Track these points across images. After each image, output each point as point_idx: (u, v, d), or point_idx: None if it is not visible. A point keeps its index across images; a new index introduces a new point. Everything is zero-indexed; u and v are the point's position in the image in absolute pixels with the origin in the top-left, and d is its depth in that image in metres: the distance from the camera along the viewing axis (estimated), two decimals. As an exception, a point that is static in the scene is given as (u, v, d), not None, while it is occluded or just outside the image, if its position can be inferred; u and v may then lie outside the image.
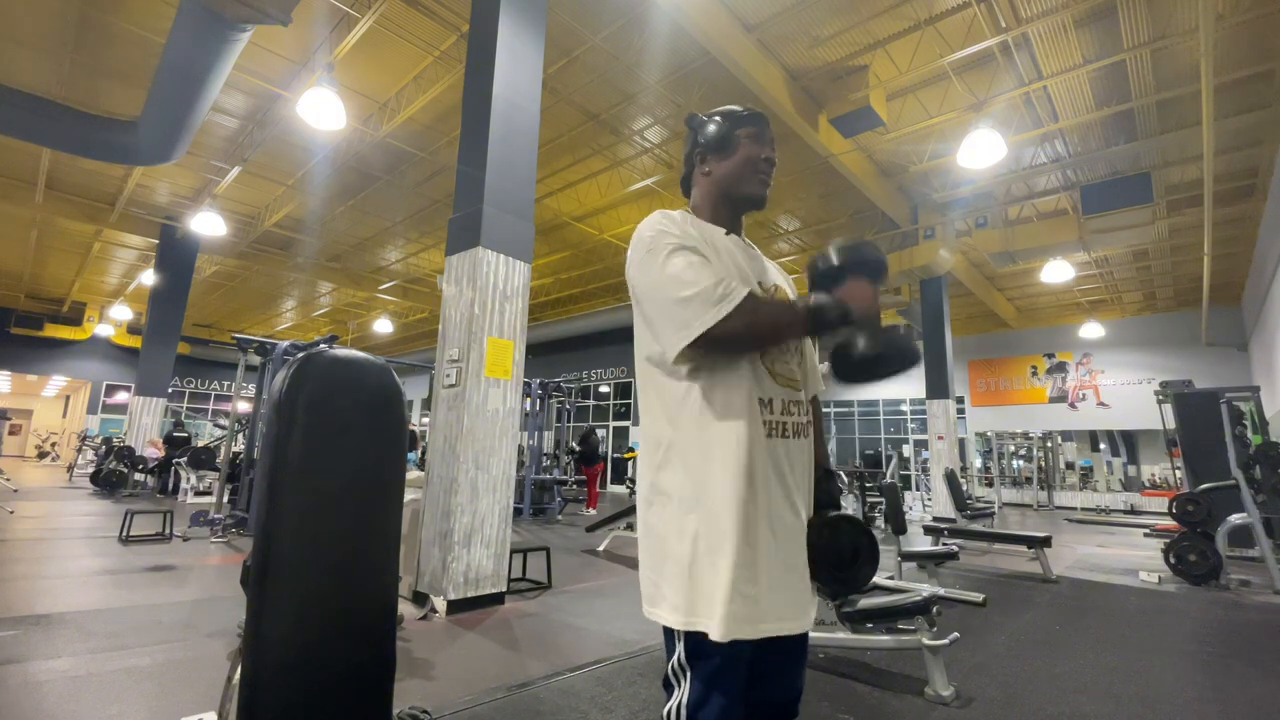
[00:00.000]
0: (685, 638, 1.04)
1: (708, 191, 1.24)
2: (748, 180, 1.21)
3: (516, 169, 4.42)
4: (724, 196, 1.23)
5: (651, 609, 1.08)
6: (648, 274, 1.10)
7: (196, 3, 4.96)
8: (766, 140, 1.22)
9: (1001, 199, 9.91)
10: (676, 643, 1.06)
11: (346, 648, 1.52)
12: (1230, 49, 6.15)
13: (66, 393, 25.51)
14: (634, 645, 3.21)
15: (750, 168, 1.21)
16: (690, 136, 1.28)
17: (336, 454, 1.55)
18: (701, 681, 1.03)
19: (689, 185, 1.30)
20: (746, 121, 1.23)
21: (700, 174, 1.25)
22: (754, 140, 1.21)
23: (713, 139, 1.22)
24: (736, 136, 1.21)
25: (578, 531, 7.73)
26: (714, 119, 1.24)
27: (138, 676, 2.53)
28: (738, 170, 1.21)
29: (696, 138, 1.26)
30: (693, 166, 1.27)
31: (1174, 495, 6.06)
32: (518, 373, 4.32)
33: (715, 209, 1.24)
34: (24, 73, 7.35)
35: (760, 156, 1.21)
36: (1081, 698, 2.65)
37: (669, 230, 1.12)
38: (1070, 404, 15.26)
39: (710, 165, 1.23)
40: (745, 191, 1.22)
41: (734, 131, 1.22)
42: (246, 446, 7.53)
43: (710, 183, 1.24)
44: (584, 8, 6.07)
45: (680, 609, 1.03)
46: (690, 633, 1.03)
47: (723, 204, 1.24)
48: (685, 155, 1.30)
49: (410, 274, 15.21)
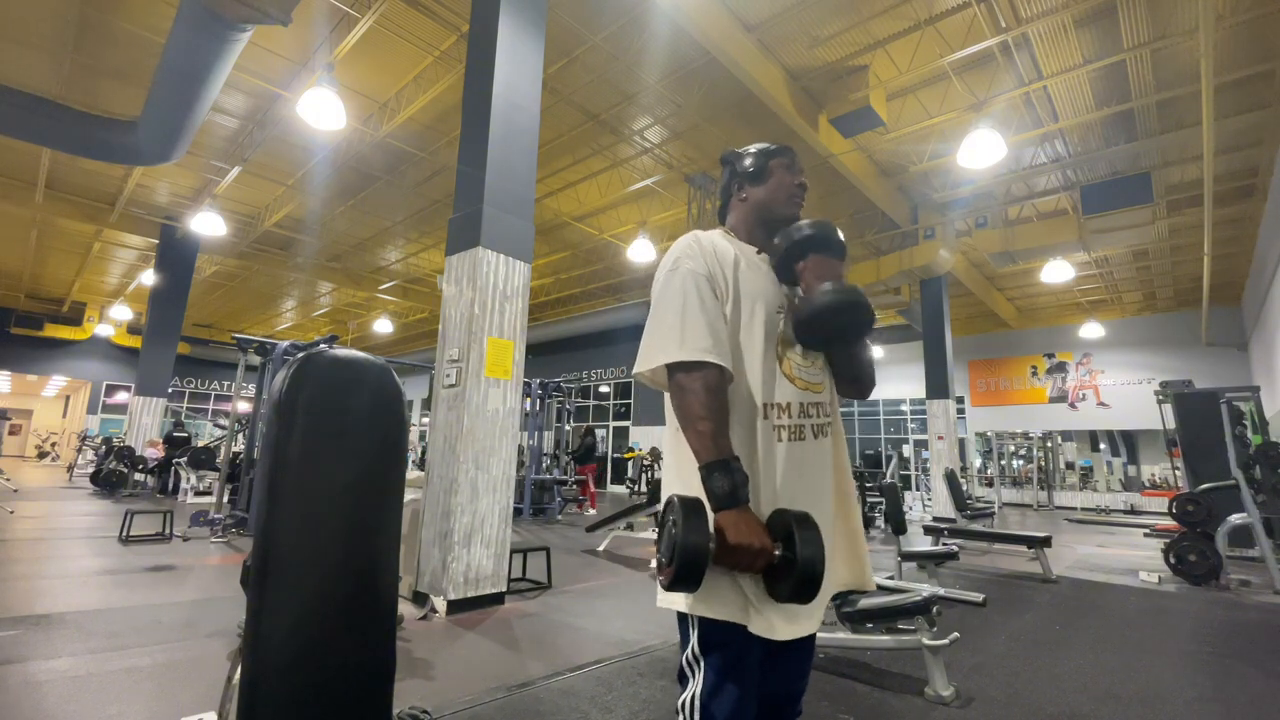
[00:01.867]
0: (699, 630, 1.08)
1: (745, 215, 1.33)
2: (782, 203, 1.30)
3: (516, 169, 4.42)
4: (760, 219, 1.31)
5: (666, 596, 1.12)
6: (658, 292, 1.19)
7: (196, 3, 4.96)
8: (797, 169, 1.33)
9: (1001, 199, 9.91)
10: (691, 634, 1.09)
11: (346, 648, 1.51)
12: (1230, 49, 6.15)
13: (66, 393, 25.51)
14: (634, 645, 3.21)
15: (784, 191, 1.31)
16: (727, 170, 1.38)
17: (336, 454, 1.55)
18: (715, 673, 1.06)
19: (725, 215, 1.39)
20: (778, 153, 1.34)
21: (737, 200, 1.35)
22: (786, 169, 1.32)
23: (748, 169, 1.33)
24: (770, 166, 1.32)
25: (578, 531, 7.73)
26: (748, 152, 1.35)
27: (138, 676, 2.53)
28: (772, 195, 1.31)
29: (734, 169, 1.36)
30: (729, 196, 1.37)
31: (1174, 495, 6.07)
32: (518, 373, 4.32)
33: (751, 231, 1.32)
34: (24, 73, 7.35)
35: (793, 182, 1.31)
36: (1081, 698, 2.65)
37: (694, 256, 1.18)
38: (1070, 404, 15.27)
39: (747, 192, 1.33)
40: (781, 213, 1.30)
41: (767, 162, 1.32)
42: (246, 446, 7.53)
43: (747, 208, 1.33)
44: (584, 8, 6.07)
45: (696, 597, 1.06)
46: (706, 623, 1.06)
47: (758, 227, 1.32)
48: (722, 188, 1.39)
49: (410, 274, 15.21)
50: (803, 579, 0.95)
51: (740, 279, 1.19)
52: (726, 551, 0.98)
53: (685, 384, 1.07)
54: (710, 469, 1.01)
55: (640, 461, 14.89)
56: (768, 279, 1.24)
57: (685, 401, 1.07)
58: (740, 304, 1.17)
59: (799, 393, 1.16)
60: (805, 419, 1.16)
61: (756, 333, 1.15)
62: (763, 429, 1.11)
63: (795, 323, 1.18)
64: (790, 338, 1.19)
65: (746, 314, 1.16)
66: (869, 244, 11.26)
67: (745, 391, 1.13)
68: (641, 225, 10.80)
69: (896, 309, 12.69)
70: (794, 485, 1.12)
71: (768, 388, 1.14)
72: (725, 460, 1.02)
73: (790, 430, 1.14)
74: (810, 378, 1.20)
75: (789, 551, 0.98)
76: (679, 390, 1.08)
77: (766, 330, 1.16)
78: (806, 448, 1.15)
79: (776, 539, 1.00)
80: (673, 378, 1.10)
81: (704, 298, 1.13)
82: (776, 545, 0.99)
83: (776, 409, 1.13)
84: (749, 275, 1.20)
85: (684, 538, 0.94)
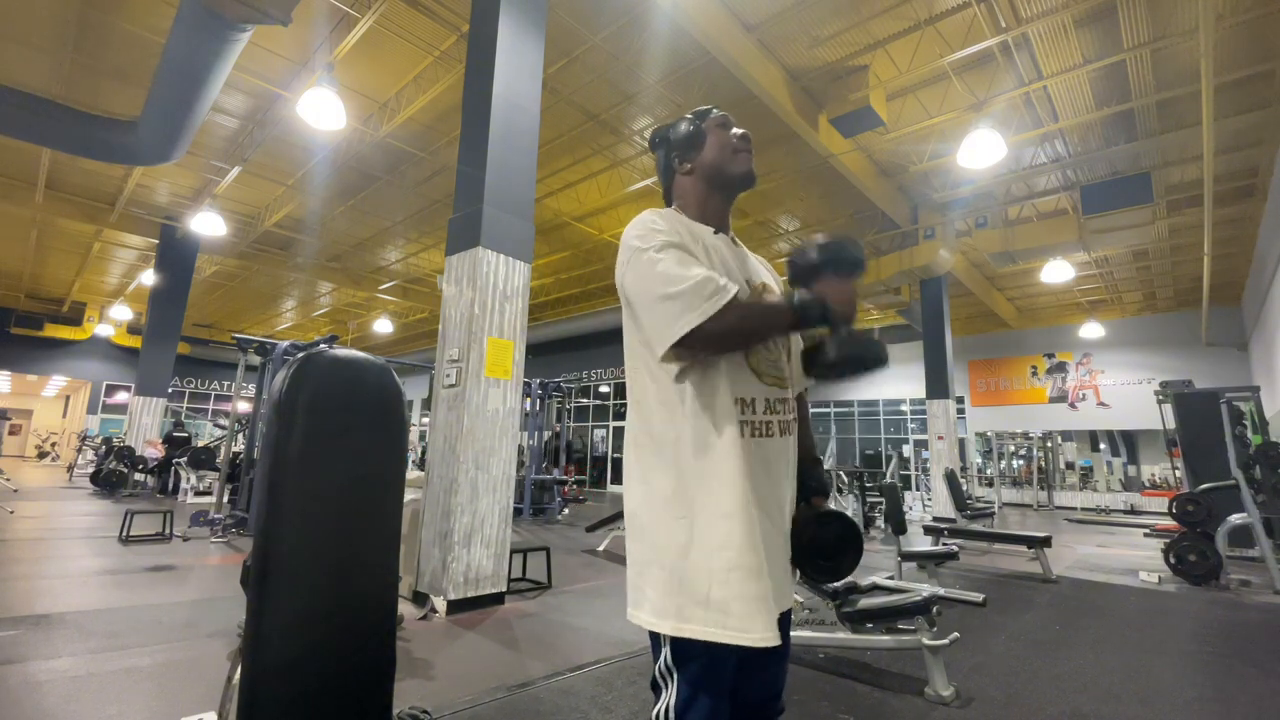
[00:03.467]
0: (670, 641, 1.04)
1: (692, 188, 1.25)
2: (729, 161, 1.22)
3: (516, 169, 4.42)
4: (710, 185, 1.24)
5: (635, 612, 1.08)
6: (636, 271, 1.09)
7: (196, 3, 4.95)
8: (733, 122, 1.26)
9: (1001, 199, 9.91)
10: (662, 645, 1.06)
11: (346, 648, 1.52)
12: (1230, 49, 6.15)
13: (66, 393, 25.51)
14: (634, 645, 3.21)
15: (728, 149, 1.22)
16: (661, 149, 1.30)
17: (336, 454, 1.55)
18: (688, 683, 1.03)
19: (670, 197, 1.30)
20: (708, 114, 1.26)
21: (681, 175, 1.26)
22: (722, 126, 1.24)
23: (683, 139, 1.25)
24: (704, 128, 1.24)
25: (578, 531, 7.73)
26: (679, 122, 1.28)
27: (138, 676, 2.53)
28: (717, 155, 1.22)
29: (669, 145, 1.28)
30: (671, 174, 1.28)
31: (1174, 495, 6.06)
32: (518, 373, 4.31)
33: (703, 204, 1.24)
34: (24, 73, 7.35)
35: (734, 136, 1.23)
36: (1081, 698, 2.65)
37: (658, 227, 1.12)
38: (1070, 404, 15.26)
39: (690, 162, 1.24)
40: (731, 172, 1.23)
41: (700, 125, 1.25)
42: (246, 446, 7.53)
43: (694, 179, 1.24)
44: (584, 8, 6.07)
45: (664, 613, 1.03)
46: (675, 636, 1.03)
47: (711, 196, 1.24)
48: (661, 169, 1.31)
49: (410, 274, 15.21)
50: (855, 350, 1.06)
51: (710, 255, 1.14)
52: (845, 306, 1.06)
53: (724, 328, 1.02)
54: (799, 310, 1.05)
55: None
56: (733, 259, 1.19)
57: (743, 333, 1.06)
58: None
59: (765, 389, 1.13)
60: (772, 415, 1.13)
61: None
62: (731, 424, 1.07)
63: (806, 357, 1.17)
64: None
65: None
66: (869, 244, 11.24)
67: (714, 384, 1.08)
68: (641, 225, 10.77)
69: (896, 309, 12.68)
70: (762, 483, 1.09)
71: (735, 382, 1.09)
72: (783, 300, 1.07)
73: (756, 426, 1.10)
74: (777, 373, 1.16)
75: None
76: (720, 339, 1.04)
77: None
78: (774, 445, 1.12)
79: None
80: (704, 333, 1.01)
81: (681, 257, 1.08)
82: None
83: (743, 404, 1.09)
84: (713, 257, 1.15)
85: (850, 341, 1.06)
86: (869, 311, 15.41)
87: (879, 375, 17.49)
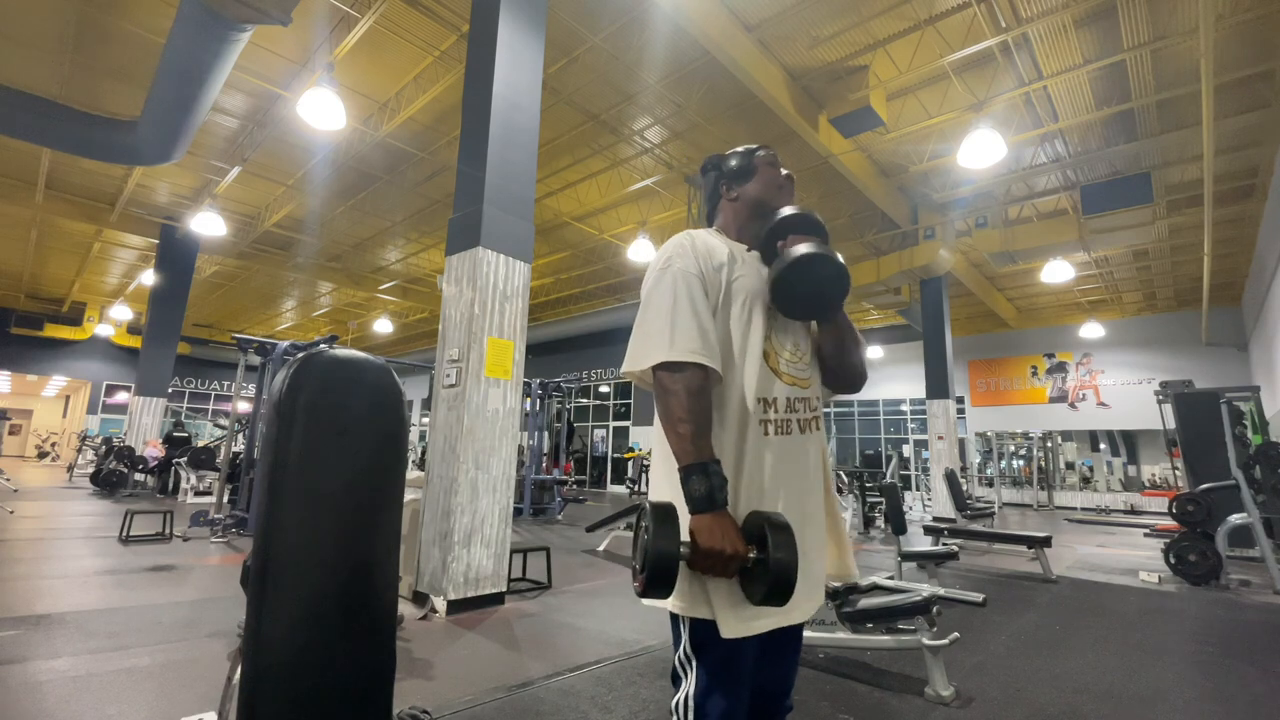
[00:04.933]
0: (690, 629, 1.07)
1: (736, 213, 1.35)
2: (774, 195, 1.33)
3: (516, 169, 4.42)
4: (752, 214, 1.33)
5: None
6: (648, 290, 1.19)
7: (196, 3, 4.95)
8: (779, 163, 1.38)
9: (1001, 199, 9.91)
10: (682, 633, 1.09)
11: (346, 648, 1.51)
12: (1230, 49, 6.15)
13: (66, 393, 25.51)
14: (634, 645, 3.21)
15: (774, 184, 1.34)
16: (711, 175, 1.40)
17: (336, 454, 1.55)
18: (707, 672, 1.05)
19: (713, 218, 1.41)
20: (761, 150, 1.38)
21: (727, 201, 1.36)
22: (770, 164, 1.36)
23: (734, 169, 1.35)
24: (754, 163, 1.35)
25: (578, 531, 7.73)
26: (734, 153, 1.38)
27: (138, 676, 2.53)
28: (763, 188, 1.33)
29: (719, 173, 1.38)
30: (717, 199, 1.39)
31: (1174, 495, 6.06)
32: (518, 373, 4.32)
33: (742, 228, 1.33)
34: (24, 73, 7.35)
35: (779, 175, 1.35)
36: (1081, 698, 2.65)
37: (685, 255, 1.18)
38: (1070, 404, 15.26)
39: (737, 191, 1.35)
40: (773, 205, 1.32)
41: (752, 159, 1.36)
42: (246, 446, 7.53)
43: (738, 205, 1.34)
44: (584, 8, 6.07)
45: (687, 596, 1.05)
46: (696, 623, 1.06)
47: (751, 222, 1.33)
48: (708, 194, 1.41)
49: (410, 274, 15.21)
50: (775, 582, 0.94)
51: (733, 275, 1.20)
52: (700, 556, 0.97)
53: (669, 385, 1.07)
54: (689, 471, 1.01)
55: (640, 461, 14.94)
56: (759, 276, 1.24)
57: (668, 403, 1.07)
58: (732, 299, 1.18)
59: (787, 388, 1.18)
60: (792, 414, 1.18)
61: (747, 328, 1.17)
62: (752, 424, 1.12)
63: (770, 284, 1.18)
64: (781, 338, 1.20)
65: (738, 309, 1.17)
66: (869, 244, 11.25)
67: (736, 386, 1.14)
68: (641, 225, 10.80)
69: (896, 309, 12.68)
70: (784, 478, 1.13)
71: (758, 383, 1.14)
72: (704, 463, 1.01)
73: (778, 425, 1.15)
74: (798, 374, 1.22)
75: (762, 554, 0.97)
76: (662, 391, 1.08)
77: (757, 326, 1.18)
78: (794, 441, 1.17)
79: (751, 542, 0.99)
80: (657, 378, 1.09)
81: (694, 297, 1.13)
82: (750, 549, 0.98)
83: (764, 404, 1.14)
84: (741, 272, 1.22)
85: (654, 545, 0.94)
86: (869, 312, 15.43)
87: (880, 372, 17.51)
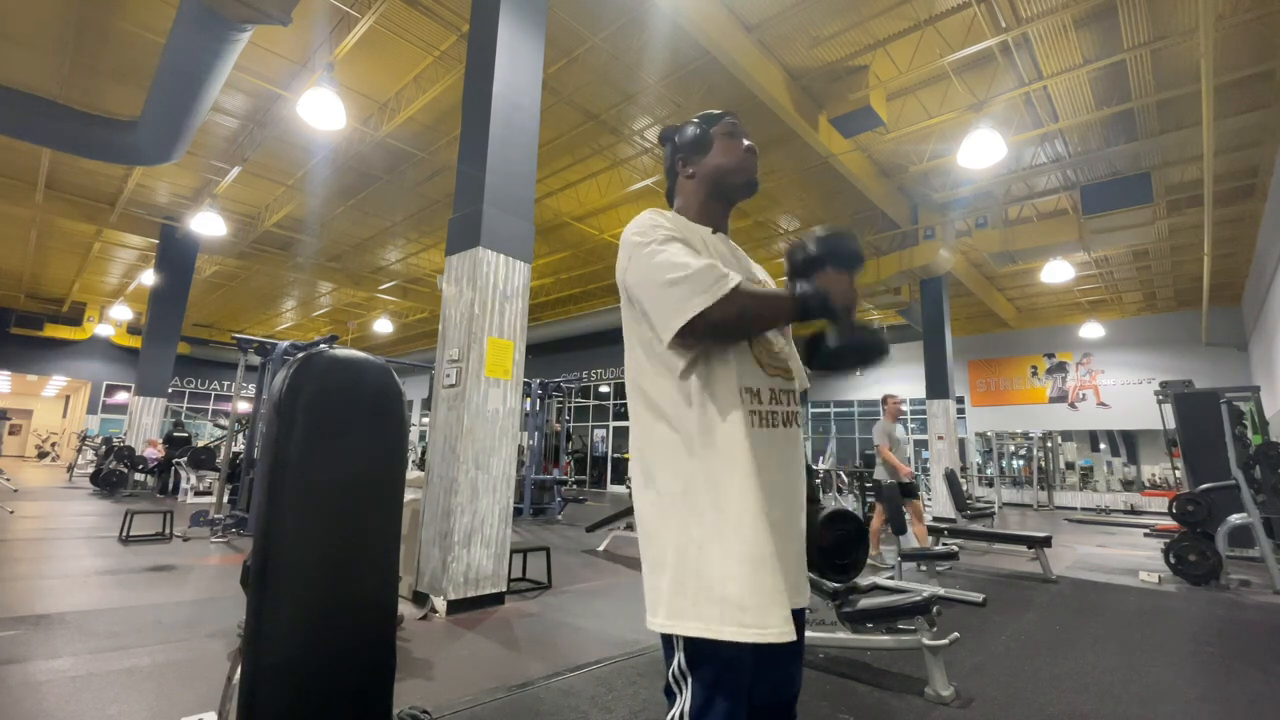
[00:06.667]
0: (684, 644, 1.02)
1: (694, 191, 1.26)
2: (733, 170, 1.24)
3: (516, 169, 4.42)
4: (711, 191, 1.25)
5: (652, 618, 1.05)
6: (639, 263, 1.10)
7: (196, 3, 4.95)
8: (741, 133, 1.26)
9: (1001, 199, 9.91)
10: (676, 649, 1.03)
11: (346, 648, 1.52)
12: (1230, 49, 6.15)
13: (66, 393, 25.51)
14: (634, 645, 3.21)
15: (733, 157, 1.23)
16: (668, 149, 1.31)
17: (336, 454, 1.55)
18: (703, 687, 1.00)
19: (673, 197, 1.31)
20: (719, 119, 1.26)
21: (684, 178, 1.27)
22: (729, 134, 1.25)
23: (690, 142, 1.26)
24: (712, 134, 1.25)
25: (578, 531, 7.73)
26: (687, 124, 1.27)
27: (138, 676, 2.53)
28: (721, 162, 1.23)
29: (675, 146, 1.29)
30: (675, 176, 1.29)
31: (1174, 495, 6.06)
32: (518, 373, 4.31)
33: (702, 207, 1.25)
34: (24, 73, 7.35)
35: (740, 147, 1.24)
36: (1081, 698, 2.65)
37: (659, 224, 1.13)
38: (1070, 404, 15.26)
39: (693, 166, 1.25)
40: (733, 181, 1.24)
41: (709, 130, 1.25)
42: (246, 446, 7.53)
43: (696, 183, 1.26)
44: (584, 8, 6.07)
45: (677, 613, 1.01)
46: (689, 639, 1.01)
47: (711, 200, 1.25)
48: (666, 169, 1.32)
49: (410, 274, 15.21)
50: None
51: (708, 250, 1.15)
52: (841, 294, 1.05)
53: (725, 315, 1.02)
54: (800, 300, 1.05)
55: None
56: (733, 258, 1.20)
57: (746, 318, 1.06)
58: None
59: (769, 379, 1.13)
60: (776, 405, 1.13)
61: None
62: (739, 412, 1.06)
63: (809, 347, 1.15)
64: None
65: None
66: (869, 244, 11.25)
67: (721, 375, 1.08)
68: (641, 225, 10.77)
69: (896, 309, 12.68)
70: (771, 473, 1.07)
71: (740, 372, 1.09)
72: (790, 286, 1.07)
73: (763, 416, 1.10)
74: (780, 364, 1.17)
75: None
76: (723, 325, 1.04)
77: None
78: (778, 435, 1.12)
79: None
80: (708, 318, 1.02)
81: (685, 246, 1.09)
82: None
83: (748, 394, 1.09)
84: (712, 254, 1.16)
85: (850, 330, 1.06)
86: (869, 312, 15.42)
87: (880, 372, 17.50)
